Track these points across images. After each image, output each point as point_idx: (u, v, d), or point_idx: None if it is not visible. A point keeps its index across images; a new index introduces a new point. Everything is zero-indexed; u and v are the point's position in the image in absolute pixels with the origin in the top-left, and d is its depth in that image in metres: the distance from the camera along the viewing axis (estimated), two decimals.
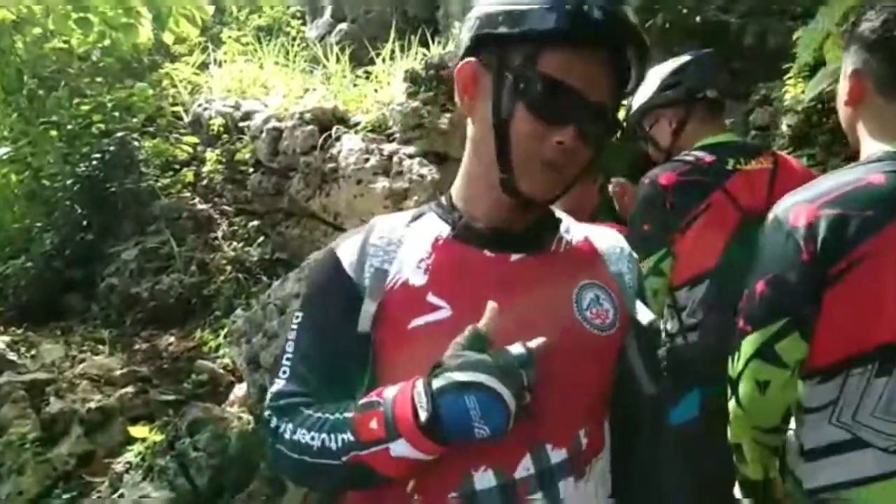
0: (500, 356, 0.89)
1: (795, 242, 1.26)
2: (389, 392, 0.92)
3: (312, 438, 0.95)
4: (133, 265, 4.82)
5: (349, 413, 0.94)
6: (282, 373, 1.04)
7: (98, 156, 5.20)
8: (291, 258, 4.69)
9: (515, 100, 0.97)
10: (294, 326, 1.07)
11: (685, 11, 5.11)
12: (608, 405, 1.06)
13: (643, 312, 1.08)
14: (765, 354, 1.29)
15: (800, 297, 1.27)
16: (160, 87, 6.07)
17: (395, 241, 1.05)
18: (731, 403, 1.38)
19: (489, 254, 1.03)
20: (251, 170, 5.12)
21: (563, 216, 1.15)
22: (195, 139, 5.49)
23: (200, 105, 5.64)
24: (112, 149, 5.22)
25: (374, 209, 4.11)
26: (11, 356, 4.10)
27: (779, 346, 1.28)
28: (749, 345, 1.31)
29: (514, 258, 1.03)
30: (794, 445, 1.37)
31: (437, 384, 0.88)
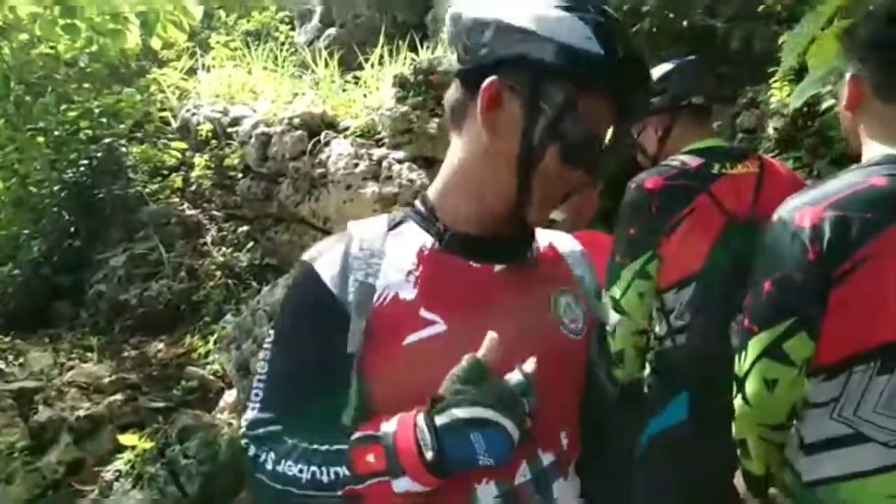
0: (501, 387, 0.88)
1: (801, 243, 1.28)
2: (388, 426, 0.89)
3: (300, 471, 0.91)
4: (121, 272, 4.80)
5: (342, 445, 0.91)
6: (255, 396, 0.98)
7: (86, 162, 5.18)
8: (281, 263, 4.69)
9: (550, 139, 0.94)
10: (268, 347, 1.00)
11: (672, 16, 5.14)
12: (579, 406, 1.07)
13: (604, 313, 1.10)
14: (772, 353, 1.31)
15: (806, 297, 1.29)
16: (148, 93, 6.06)
17: (378, 253, 0.99)
18: (738, 401, 1.40)
19: (474, 265, 1.01)
20: (240, 175, 5.11)
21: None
22: (183, 145, 5.48)
23: (189, 110, 5.62)
24: (100, 155, 5.21)
25: (364, 214, 4.11)
26: None
27: (786, 345, 1.30)
28: (757, 344, 1.33)
29: (498, 269, 1.02)
30: (794, 439, 1.39)
31: (441, 421, 0.86)
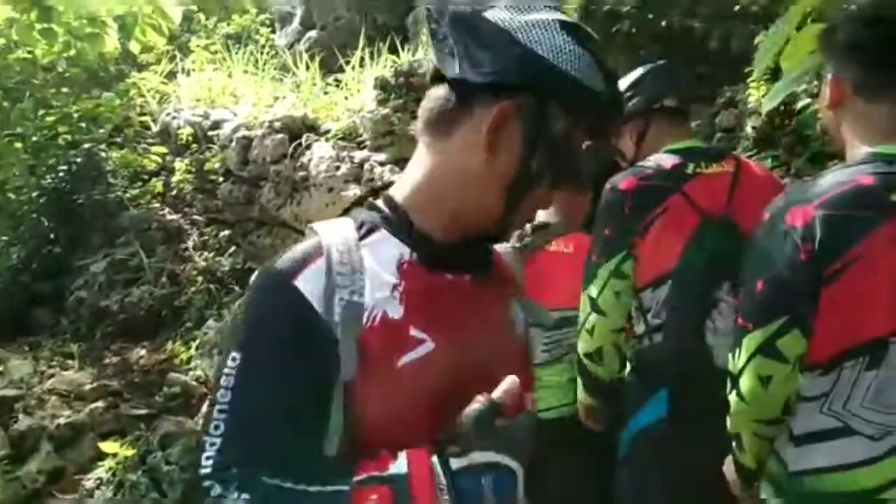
0: (513, 428, 0.88)
1: (793, 242, 1.31)
2: (397, 467, 0.85)
3: None
4: (102, 278, 4.76)
5: (340, 486, 0.84)
6: (215, 429, 0.87)
7: (65, 167, 5.13)
8: None
9: (546, 166, 0.95)
10: (231, 373, 0.89)
11: (651, 17, 5.17)
12: None
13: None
14: (766, 351, 1.34)
15: (799, 296, 1.32)
16: (128, 97, 6.00)
17: (358, 267, 0.93)
18: (732, 397, 1.43)
19: (449, 276, 0.99)
20: (221, 179, 5.08)
21: None
22: (164, 149, 5.44)
23: (169, 114, 5.59)
24: (79, 160, 5.16)
25: None
26: None
27: (780, 343, 1.33)
28: (751, 342, 1.36)
29: (468, 279, 1.01)
30: (783, 430, 1.43)
31: (457, 465, 0.84)
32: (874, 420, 1.31)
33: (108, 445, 3.45)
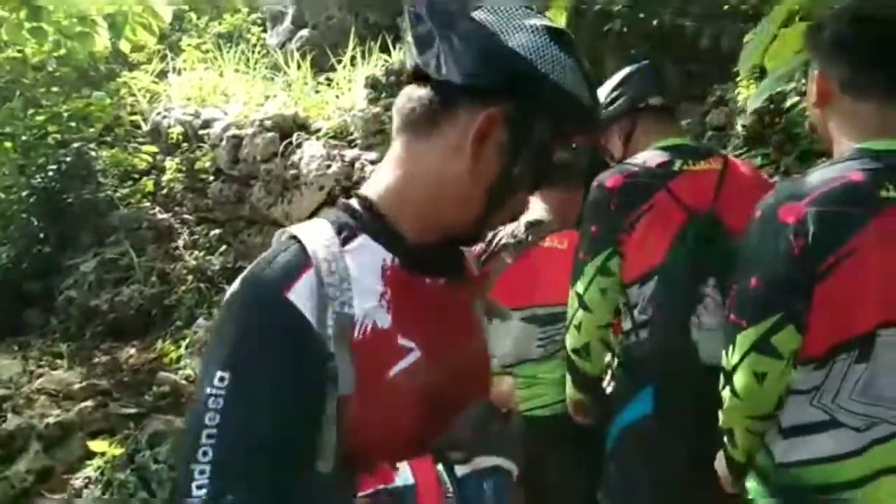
0: (509, 432, 0.91)
1: (786, 238, 1.31)
2: (402, 479, 0.84)
3: None
4: (92, 277, 4.75)
5: None
6: (202, 456, 0.78)
7: (54, 167, 5.12)
8: None
9: (528, 172, 0.96)
10: (219, 392, 0.81)
11: (642, 16, 5.18)
12: None
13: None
14: (761, 348, 1.34)
15: (793, 292, 1.33)
16: (118, 97, 5.99)
17: (345, 276, 0.88)
18: (726, 393, 1.43)
19: (428, 280, 0.97)
20: (212, 178, 5.08)
21: None
22: (154, 148, 5.43)
23: (159, 114, 5.58)
24: (69, 159, 5.15)
25: None
26: None
27: (774, 339, 1.33)
28: (745, 338, 1.36)
29: (444, 282, 1.00)
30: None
31: (462, 472, 0.86)
32: (861, 412, 1.32)
33: (97, 444, 3.43)
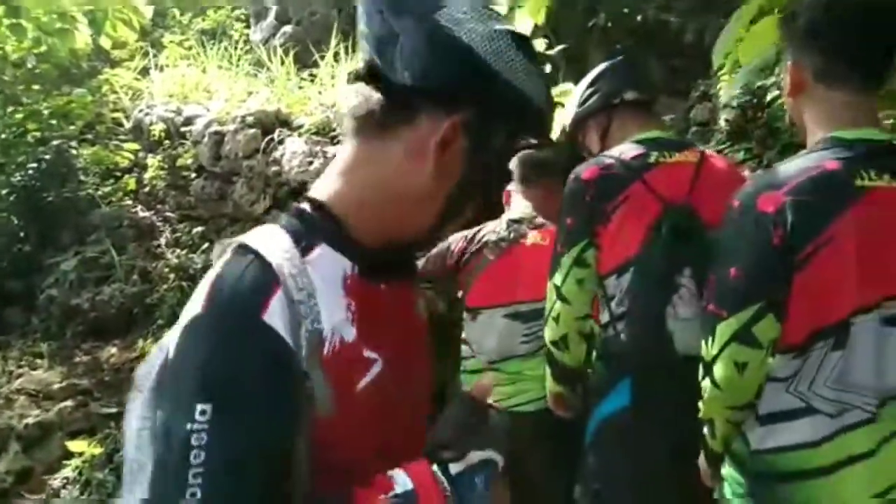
0: (492, 424, 0.93)
1: (765, 228, 1.32)
2: (401, 486, 0.84)
3: None
4: (73, 276, 4.69)
5: None
6: (190, 496, 0.75)
7: (34, 165, 5.05)
8: None
9: (485, 178, 0.96)
10: (201, 427, 0.77)
11: (626, 11, 5.19)
12: None
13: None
14: (742, 338, 1.35)
15: (772, 282, 1.33)
16: (100, 94, 5.92)
17: (311, 290, 0.86)
18: (706, 384, 1.43)
19: (383, 286, 0.96)
20: (194, 175, 5.03)
21: None
22: (136, 146, 5.37)
23: (141, 111, 5.52)
24: (49, 157, 5.09)
25: None
26: None
27: (755, 329, 1.34)
28: (726, 329, 1.37)
29: (397, 286, 0.99)
30: None
31: (456, 469, 0.88)
32: (834, 398, 1.33)
33: (76, 444, 3.41)
